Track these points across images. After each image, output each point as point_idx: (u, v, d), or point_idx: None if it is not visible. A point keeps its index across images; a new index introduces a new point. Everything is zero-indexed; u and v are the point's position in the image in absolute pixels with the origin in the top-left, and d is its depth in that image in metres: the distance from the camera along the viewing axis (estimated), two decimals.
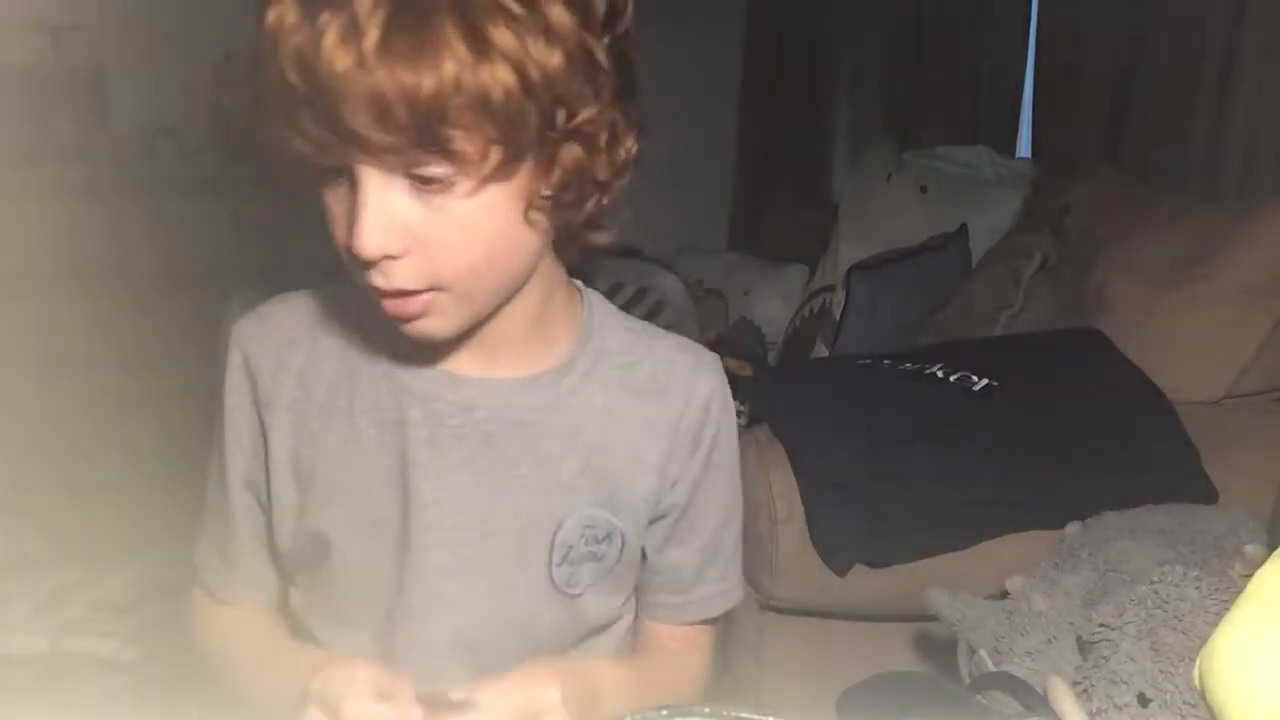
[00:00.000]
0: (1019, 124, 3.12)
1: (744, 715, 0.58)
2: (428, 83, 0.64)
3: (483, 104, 0.66)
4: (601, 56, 0.71)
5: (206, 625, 0.91)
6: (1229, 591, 1.13)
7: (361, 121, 0.65)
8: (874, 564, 1.71)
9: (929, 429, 1.81)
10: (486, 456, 0.81)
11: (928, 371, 1.93)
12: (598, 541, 0.83)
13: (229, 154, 3.34)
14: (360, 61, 0.64)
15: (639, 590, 0.91)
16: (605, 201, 0.76)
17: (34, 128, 3.04)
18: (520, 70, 0.66)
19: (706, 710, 0.58)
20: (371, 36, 0.64)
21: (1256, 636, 0.72)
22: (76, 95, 3.22)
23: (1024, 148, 3.10)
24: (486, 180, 0.69)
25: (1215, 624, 0.75)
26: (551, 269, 0.81)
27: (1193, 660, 0.76)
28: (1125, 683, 1.12)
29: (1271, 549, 0.80)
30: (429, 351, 0.80)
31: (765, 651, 1.79)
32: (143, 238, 3.12)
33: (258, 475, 0.85)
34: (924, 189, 2.87)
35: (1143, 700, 1.09)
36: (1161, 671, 1.10)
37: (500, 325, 0.79)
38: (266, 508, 0.86)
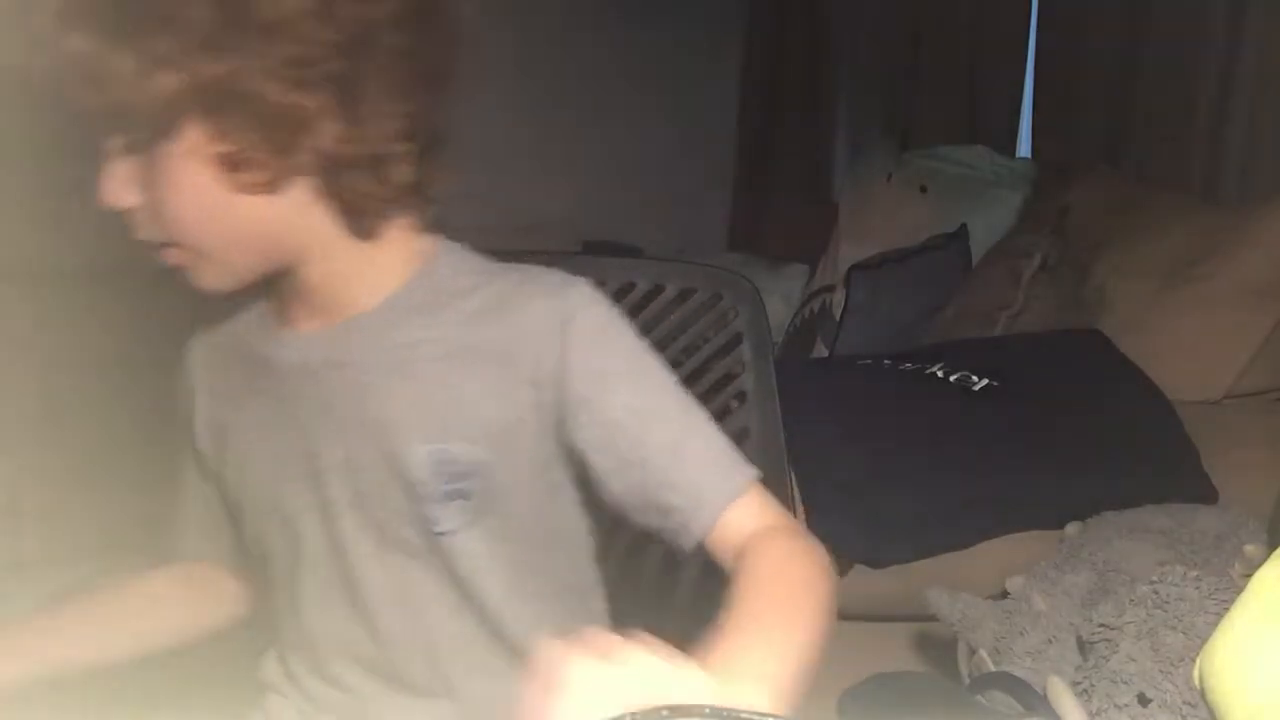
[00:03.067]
0: (1019, 124, 3.12)
1: (744, 715, 0.58)
2: (70, 49, 0.72)
3: (107, 77, 0.73)
4: (260, 37, 0.74)
5: None
6: (1229, 592, 1.13)
7: (66, 79, 0.74)
8: (874, 564, 1.71)
9: (929, 429, 1.81)
10: (316, 402, 0.85)
11: (928, 371, 1.93)
12: (462, 478, 0.83)
13: None
14: (56, 23, 0.73)
15: (679, 535, 0.83)
16: (343, 168, 0.78)
17: (33, 127, 3.04)
18: (137, 48, 0.72)
19: (707, 710, 0.58)
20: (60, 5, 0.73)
21: (1256, 636, 0.72)
22: None
23: (1024, 148, 3.10)
24: (148, 139, 0.76)
25: (1215, 624, 0.75)
26: (336, 235, 0.82)
27: (1193, 660, 0.76)
28: (1125, 683, 1.12)
29: (1272, 549, 0.80)
30: (273, 316, 0.88)
31: None
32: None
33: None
34: (924, 189, 2.87)
35: (1143, 700, 1.09)
36: (1161, 671, 1.10)
37: (303, 285, 0.84)
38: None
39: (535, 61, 3.66)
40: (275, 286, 0.86)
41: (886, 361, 2.02)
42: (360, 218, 0.81)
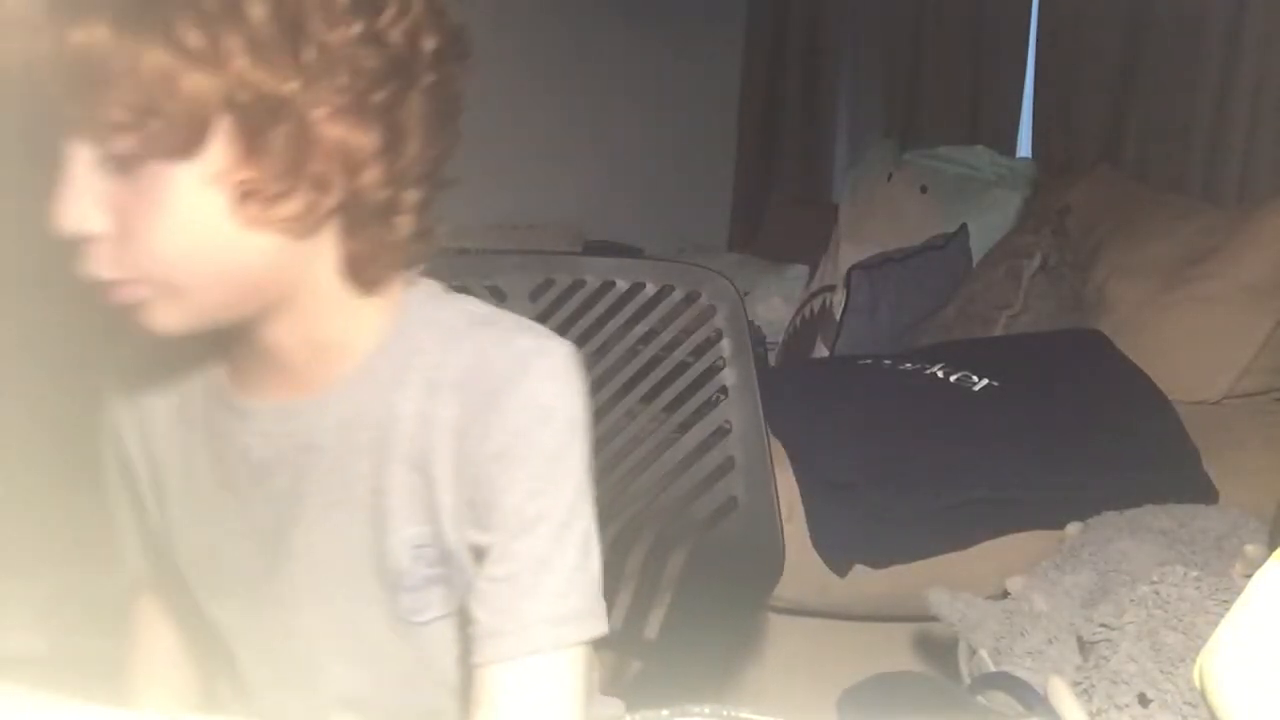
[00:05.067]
0: (1019, 124, 3.12)
1: (744, 715, 0.58)
2: (79, 42, 0.62)
3: (131, 74, 0.62)
4: (314, 54, 0.65)
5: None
6: (1229, 592, 1.13)
7: (33, 77, 0.65)
8: (874, 564, 1.71)
9: (929, 429, 1.81)
10: (294, 486, 0.76)
11: (928, 372, 1.93)
12: (439, 562, 0.75)
13: None
14: (28, 17, 0.63)
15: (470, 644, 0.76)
16: (367, 213, 0.71)
17: (34, 128, 3.04)
18: (181, 51, 0.62)
19: (706, 710, 0.58)
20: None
21: (1257, 637, 0.72)
22: None
23: (1024, 148, 3.10)
24: (162, 153, 0.65)
25: (1216, 624, 0.75)
26: (332, 286, 0.74)
27: (1193, 660, 0.76)
28: (1126, 683, 1.11)
29: (1272, 549, 0.80)
30: (236, 384, 0.78)
31: (765, 651, 1.79)
32: None
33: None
34: (924, 189, 2.87)
35: (1143, 700, 1.09)
36: (1162, 672, 1.09)
37: (274, 345, 0.75)
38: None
39: (536, 62, 3.66)
40: (234, 341, 0.76)
41: (887, 362, 2.02)
42: (368, 269, 0.73)
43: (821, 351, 2.69)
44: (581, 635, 0.74)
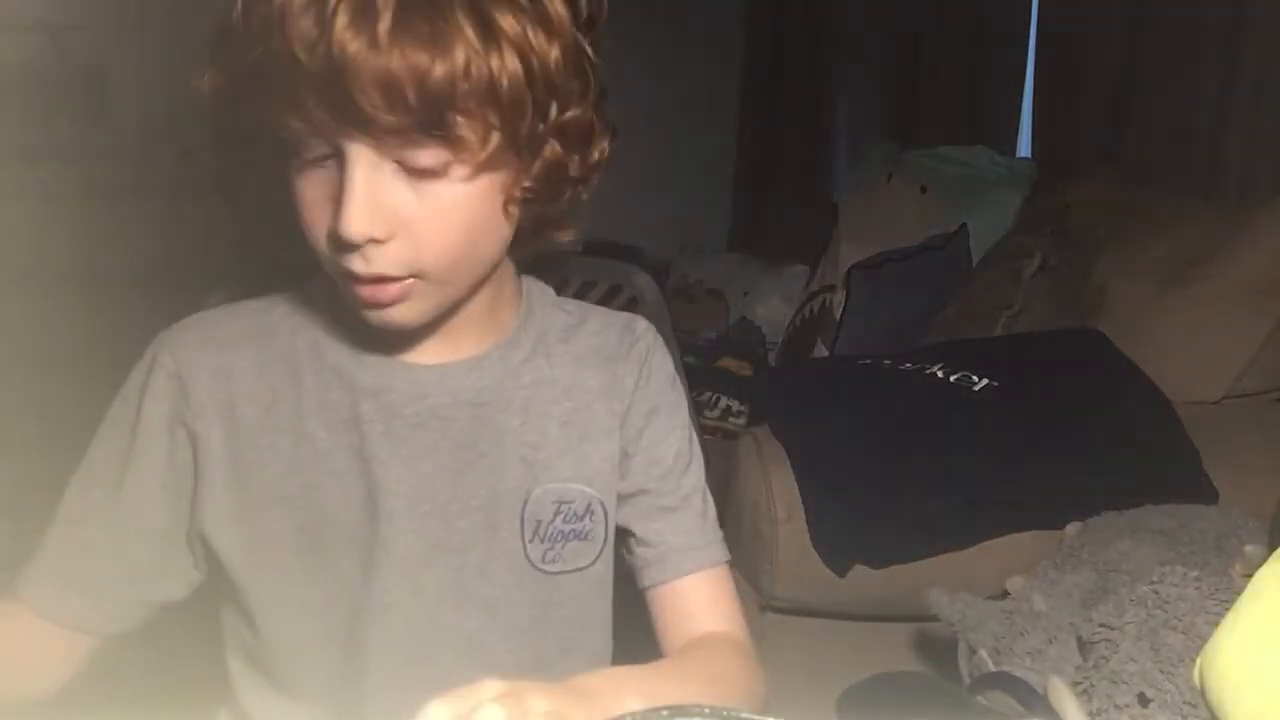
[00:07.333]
0: (1019, 124, 3.12)
1: (744, 715, 0.58)
2: (440, 68, 0.66)
3: (490, 91, 0.68)
4: (590, 55, 0.74)
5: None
6: (1229, 592, 1.13)
7: (369, 103, 0.66)
8: (874, 564, 1.71)
9: (929, 429, 1.81)
10: (446, 440, 0.82)
11: (928, 371, 1.93)
12: (579, 518, 0.84)
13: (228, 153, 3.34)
14: (373, 43, 0.65)
15: (645, 568, 0.89)
16: (576, 199, 0.79)
17: (34, 128, 3.04)
18: (525, 60, 0.69)
19: (706, 710, 0.58)
20: (385, 19, 0.65)
21: (1256, 637, 0.72)
22: (76, 95, 3.22)
23: (1024, 148, 3.10)
24: (481, 168, 0.71)
25: (1215, 624, 0.75)
26: (507, 261, 0.84)
27: (1193, 660, 0.76)
28: (1125, 683, 1.11)
29: (1272, 550, 0.80)
30: (378, 344, 0.81)
31: (765, 651, 1.79)
32: (142, 238, 3.12)
33: (176, 488, 0.82)
34: (924, 189, 2.87)
35: (1143, 700, 1.09)
36: (1162, 672, 1.09)
37: (458, 315, 0.81)
38: (181, 522, 0.82)
39: None
40: None
41: (886, 362, 2.01)
42: (525, 244, 0.81)
43: (821, 351, 2.69)
44: (724, 556, 0.89)
